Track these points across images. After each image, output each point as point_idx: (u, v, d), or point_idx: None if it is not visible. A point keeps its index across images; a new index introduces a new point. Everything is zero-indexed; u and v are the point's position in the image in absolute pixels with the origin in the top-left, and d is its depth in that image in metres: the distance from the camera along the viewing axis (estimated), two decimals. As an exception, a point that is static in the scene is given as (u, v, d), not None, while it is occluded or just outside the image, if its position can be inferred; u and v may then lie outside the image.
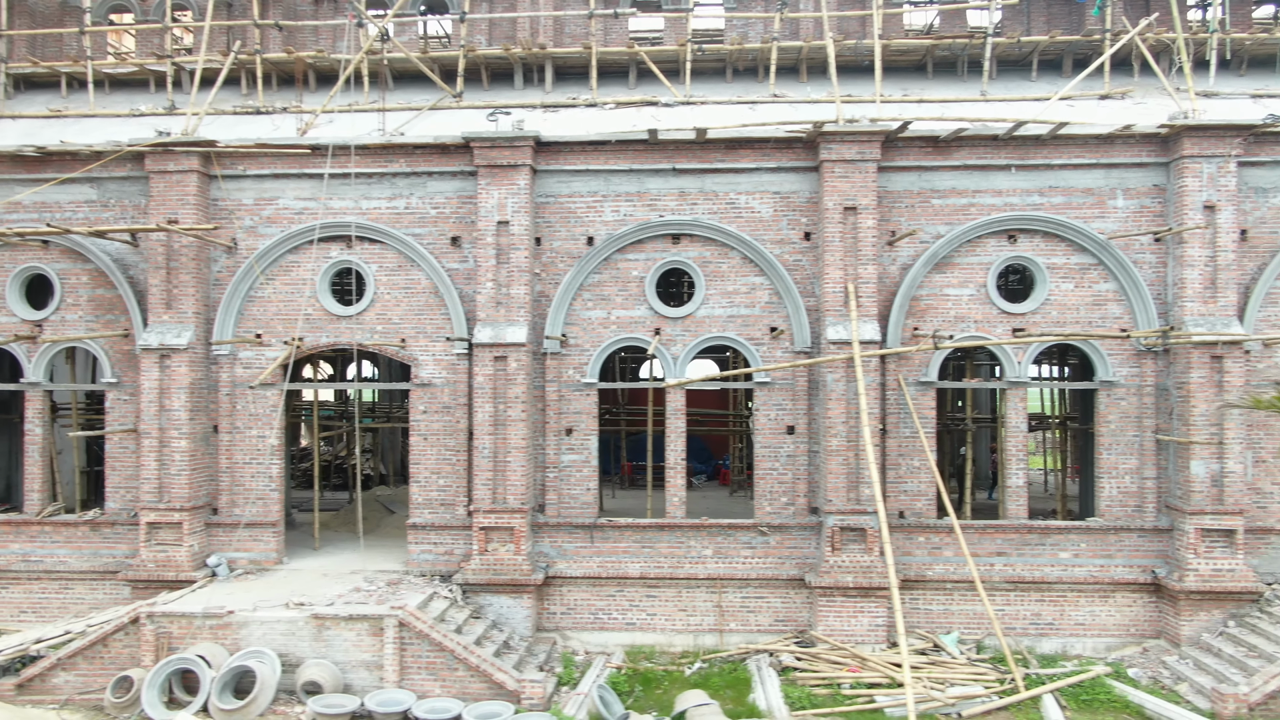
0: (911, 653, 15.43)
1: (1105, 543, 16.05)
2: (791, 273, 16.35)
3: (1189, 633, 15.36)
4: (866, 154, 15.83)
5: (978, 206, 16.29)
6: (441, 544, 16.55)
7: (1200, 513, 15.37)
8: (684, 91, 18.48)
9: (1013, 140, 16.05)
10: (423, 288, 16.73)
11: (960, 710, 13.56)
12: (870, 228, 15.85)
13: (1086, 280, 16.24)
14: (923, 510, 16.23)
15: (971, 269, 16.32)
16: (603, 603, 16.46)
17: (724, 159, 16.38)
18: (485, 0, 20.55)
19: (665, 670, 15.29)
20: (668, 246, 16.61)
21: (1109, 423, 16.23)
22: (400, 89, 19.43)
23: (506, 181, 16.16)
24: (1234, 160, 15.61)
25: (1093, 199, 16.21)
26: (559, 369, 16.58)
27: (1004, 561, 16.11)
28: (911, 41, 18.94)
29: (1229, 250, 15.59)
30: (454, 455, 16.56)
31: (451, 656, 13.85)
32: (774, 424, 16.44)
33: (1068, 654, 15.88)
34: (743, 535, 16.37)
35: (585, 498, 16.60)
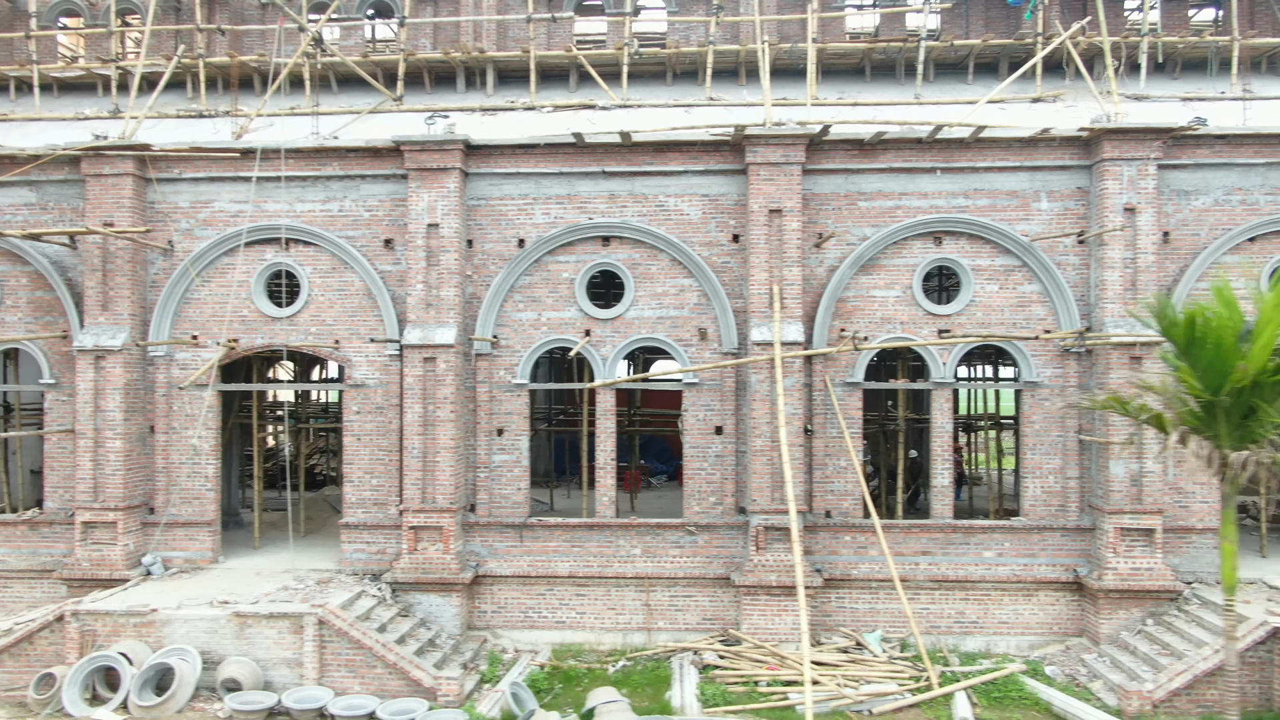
0: (834, 651, 15.60)
1: (1029, 542, 16.20)
2: (719, 274, 16.51)
3: (1108, 631, 15.51)
4: (791, 157, 15.98)
5: (904, 209, 16.44)
6: (374, 543, 16.72)
7: (1119, 512, 15.52)
8: (621, 95, 18.64)
9: (937, 143, 16.20)
10: (356, 290, 16.90)
11: (871, 708, 13.71)
12: (795, 230, 16.00)
13: (1011, 282, 16.39)
14: (849, 510, 16.38)
15: (897, 271, 16.47)
16: (533, 601, 16.63)
17: (653, 162, 16.54)
18: (430, 4, 20.77)
19: (589, 668, 15.45)
20: (598, 249, 16.77)
21: (1033, 423, 16.38)
22: (345, 92, 19.64)
23: (436, 185, 16.32)
24: (1154, 163, 15.75)
25: (1017, 201, 16.36)
26: (490, 370, 16.75)
27: (929, 561, 16.27)
28: (847, 45, 19.10)
29: (1149, 252, 15.73)
30: (387, 455, 16.73)
31: (370, 654, 14.02)
32: (702, 424, 16.60)
33: (991, 652, 16.03)
34: (671, 535, 16.53)
35: (516, 497, 16.76)
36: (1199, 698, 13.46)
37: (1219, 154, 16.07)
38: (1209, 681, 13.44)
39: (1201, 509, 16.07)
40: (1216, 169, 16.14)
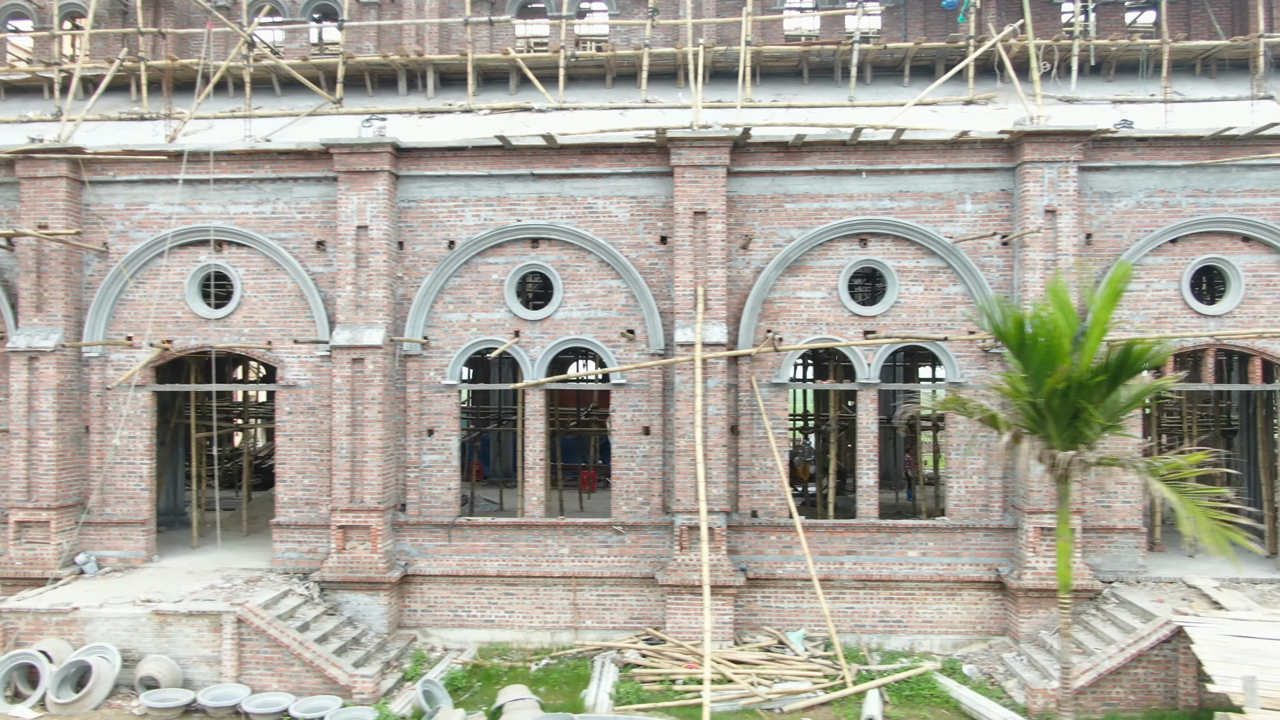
0: (756, 650, 15.71)
1: (952, 541, 16.31)
2: (647, 276, 16.63)
3: (1028, 630, 15.62)
4: (715, 159, 16.11)
5: (830, 211, 16.56)
6: (306, 542, 16.86)
7: (1039, 511, 15.62)
8: (558, 97, 18.76)
9: (862, 145, 16.32)
10: (289, 291, 17.04)
11: (781, 706, 13.83)
12: (719, 232, 16.13)
13: (936, 283, 16.51)
14: (775, 510, 16.50)
15: (824, 272, 16.60)
16: (462, 600, 16.76)
17: (580, 164, 16.67)
18: (373, 8, 20.90)
19: (511, 667, 15.57)
20: (527, 250, 16.91)
21: (958, 423, 16.51)
22: (288, 95, 19.76)
23: (366, 187, 16.46)
24: (1074, 165, 15.87)
25: (942, 203, 16.48)
26: (420, 371, 16.89)
27: (853, 560, 16.38)
28: (783, 48, 19.20)
29: (1069, 254, 15.84)
30: (319, 455, 16.87)
31: (288, 652, 14.17)
32: (630, 425, 16.72)
33: (915, 651, 16.13)
34: (599, 534, 16.66)
35: (446, 497, 16.89)
36: (1104, 695, 13.58)
37: (1141, 156, 16.18)
38: (1114, 679, 13.57)
39: (1124, 509, 16.18)
40: (1139, 171, 16.25)
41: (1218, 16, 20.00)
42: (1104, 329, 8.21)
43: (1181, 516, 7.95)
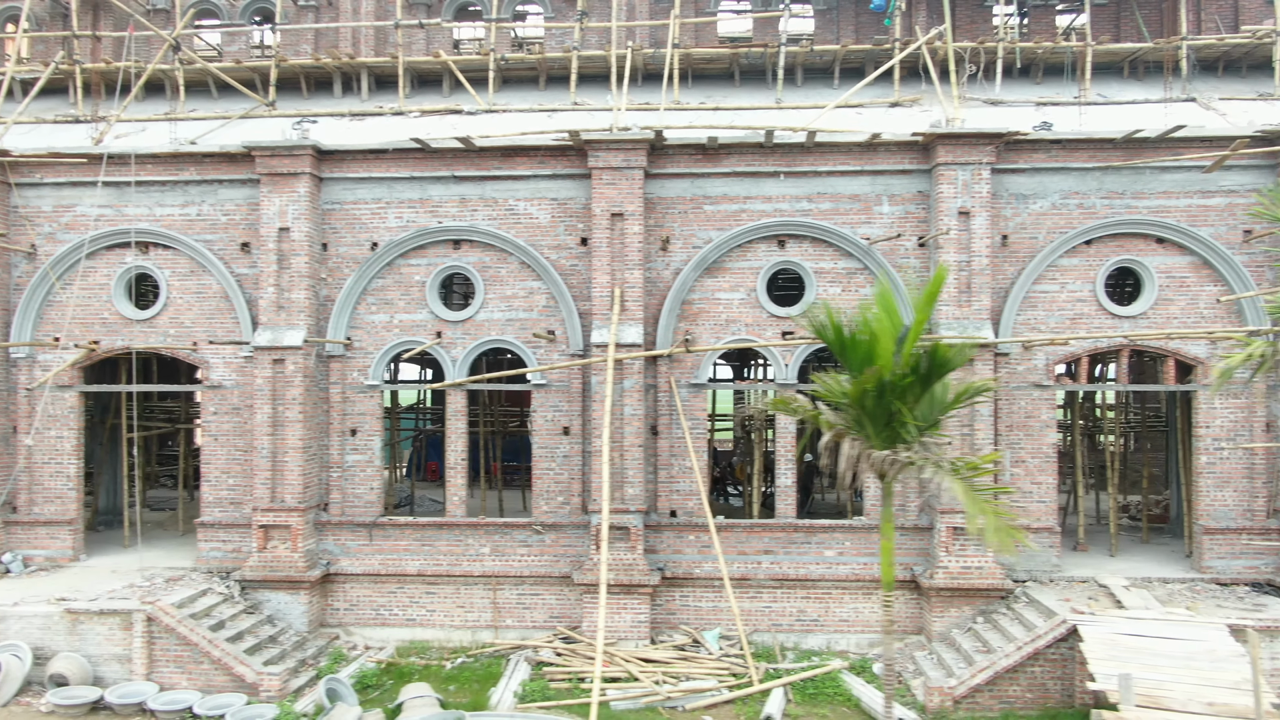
0: (671, 648, 15.83)
1: (869, 541, 16.40)
2: (567, 277, 16.75)
3: (939, 628, 15.72)
4: (632, 161, 16.22)
5: (748, 212, 16.67)
6: (230, 541, 16.99)
7: (951, 511, 15.72)
8: (488, 100, 18.90)
9: (779, 147, 16.44)
10: (214, 292, 17.18)
11: (684, 704, 13.95)
12: (637, 233, 16.25)
13: (853, 284, 16.62)
14: (694, 509, 16.61)
15: (742, 273, 16.71)
16: (384, 599, 16.89)
17: (501, 166, 16.80)
18: (311, 10, 21.04)
19: (426, 665, 15.70)
20: (449, 252, 17.04)
21: (874, 424, 16.58)
22: (225, 98, 19.87)
23: (287, 189, 16.59)
24: (987, 167, 15.97)
25: (859, 205, 16.58)
26: (343, 371, 17.02)
27: (771, 560, 16.49)
28: (713, 50, 19.30)
29: (983, 255, 15.94)
30: (243, 455, 17.00)
31: (197, 650, 14.31)
32: (551, 425, 16.84)
33: (832, 650, 16.24)
34: (519, 534, 16.78)
35: (369, 496, 17.03)
36: (1001, 694, 13.69)
37: (1055, 158, 16.28)
38: (1011, 678, 13.68)
39: (1039, 509, 16.28)
40: (1053, 173, 16.35)
41: (1147, 20, 20.11)
42: (921, 330, 8.31)
43: (971, 515, 8.05)
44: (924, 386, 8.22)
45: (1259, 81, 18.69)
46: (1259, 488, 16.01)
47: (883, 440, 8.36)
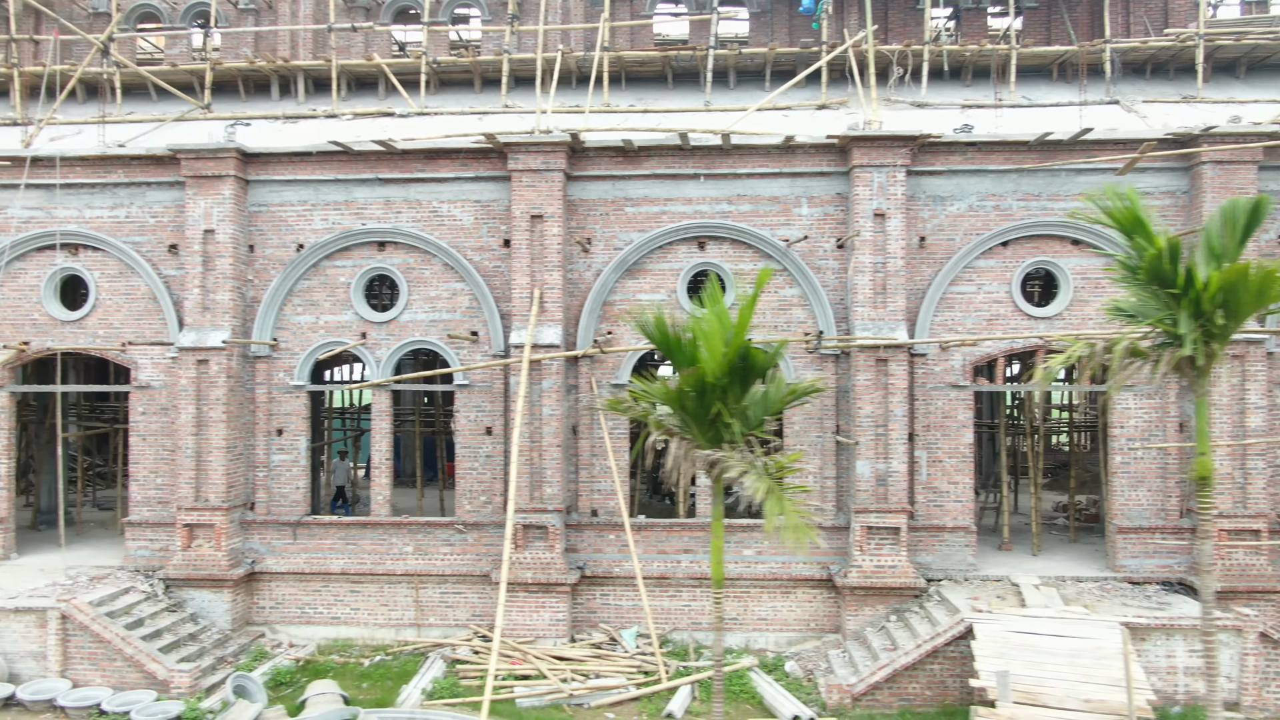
0: (588, 646, 15.97)
1: (787, 540, 16.51)
2: (490, 279, 16.90)
3: (853, 627, 15.86)
4: (552, 164, 16.37)
5: (669, 214, 16.81)
6: (158, 540, 17.15)
7: (865, 511, 15.87)
8: (420, 102, 19.05)
9: (699, 150, 16.58)
10: (142, 293, 17.35)
11: (589, 701, 14.09)
12: (556, 235, 16.39)
13: (773, 285, 16.75)
14: (614, 509, 16.74)
15: (663, 275, 16.85)
16: (309, 597, 17.05)
17: (425, 169, 16.95)
18: (251, 14, 21.19)
19: (345, 663, 15.85)
20: (374, 253, 17.19)
21: (793, 424, 16.74)
22: (164, 101, 20.06)
23: (212, 192, 16.76)
24: (903, 169, 16.09)
25: (779, 207, 16.72)
26: (269, 372, 17.17)
27: (690, 559, 16.62)
28: (645, 53, 19.46)
29: (898, 257, 16.07)
30: (171, 455, 17.15)
31: (111, 648, 14.47)
32: (474, 425, 16.99)
33: (750, 648, 16.38)
34: (442, 533, 16.93)
35: (295, 496, 17.18)
36: (901, 691, 13.83)
37: (971, 161, 16.40)
38: (910, 676, 13.81)
39: (956, 508, 16.40)
40: (970, 175, 16.47)
41: (1080, 22, 20.23)
42: (745, 331, 8.44)
43: (770, 514, 8.18)
44: (743, 388, 8.36)
45: (1185, 84, 18.82)
46: (1172, 487, 16.13)
47: (708, 440, 8.51)
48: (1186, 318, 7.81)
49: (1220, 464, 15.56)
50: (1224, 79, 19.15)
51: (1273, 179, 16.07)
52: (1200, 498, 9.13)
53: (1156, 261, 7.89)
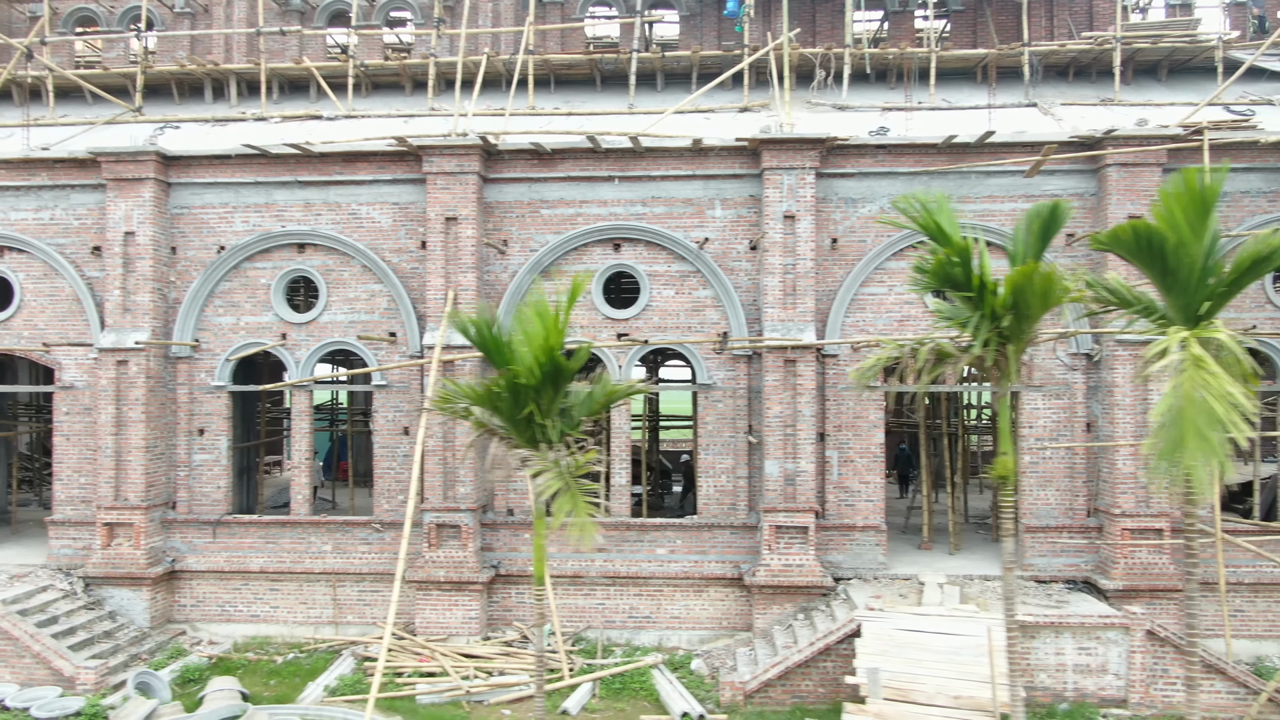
0: (500, 644, 16.13)
1: (700, 539, 16.69)
2: (407, 280, 17.07)
3: (762, 625, 16.01)
4: (466, 166, 16.53)
5: (584, 216, 16.97)
6: (80, 539, 17.33)
7: (774, 510, 16.02)
8: (347, 105, 19.22)
9: (613, 152, 16.74)
10: (66, 295, 17.54)
11: (489, 698, 14.25)
12: (471, 237, 16.56)
13: (686, 287, 16.91)
14: (529, 508, 16.90)
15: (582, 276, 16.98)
16: (229, 595, 17.23)
17: (343, 172, 17.13)
18: (188, 17, 21.39)
19: (258, 660, 16.02)
20: (294, 255, 17.37)
21: (706, 424, 16.90)
22: (98, 104, 20.23)
23: (133, 194, 16.94)
24: (812, 172, 16.24)
25: (693, 209, 16.88)
26: (190, 372, 17.36)
27: (605, 557, 16.78)
28: (572, 56, 19.61)
29: (808, 258, 16.22)
30: (94, 455, 17.32)
31: (19, 645, 14.65)
32: (391, 425, 17.16)
33: (663, 646, 16.52)
34: (360, 532, 17.10)
35: (216, 495, 17.36)
36: (794, 688, 13.97)
37: (882, 163, 16.55)
38: (803, 673, 13.95)
39: (867, 507, 16.54)
40: (881, 177, 16.62)
41: (1007, 25, 20.34)
42: (560, 333, 8.61)
43: (558, 511, 8.35)
44: (555, 389, 8.53)
45: (1107, 87, 18.93)
46: (1079, 487, 16.27)
47: (525, 440, 8.68)
48: (979, 319, 7.98)
49: (1123, 464, 15.71)
50: (1146, 82, 19.28)
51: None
52: (1001, 496, 9.32)
53: (945, 265, 8.04)
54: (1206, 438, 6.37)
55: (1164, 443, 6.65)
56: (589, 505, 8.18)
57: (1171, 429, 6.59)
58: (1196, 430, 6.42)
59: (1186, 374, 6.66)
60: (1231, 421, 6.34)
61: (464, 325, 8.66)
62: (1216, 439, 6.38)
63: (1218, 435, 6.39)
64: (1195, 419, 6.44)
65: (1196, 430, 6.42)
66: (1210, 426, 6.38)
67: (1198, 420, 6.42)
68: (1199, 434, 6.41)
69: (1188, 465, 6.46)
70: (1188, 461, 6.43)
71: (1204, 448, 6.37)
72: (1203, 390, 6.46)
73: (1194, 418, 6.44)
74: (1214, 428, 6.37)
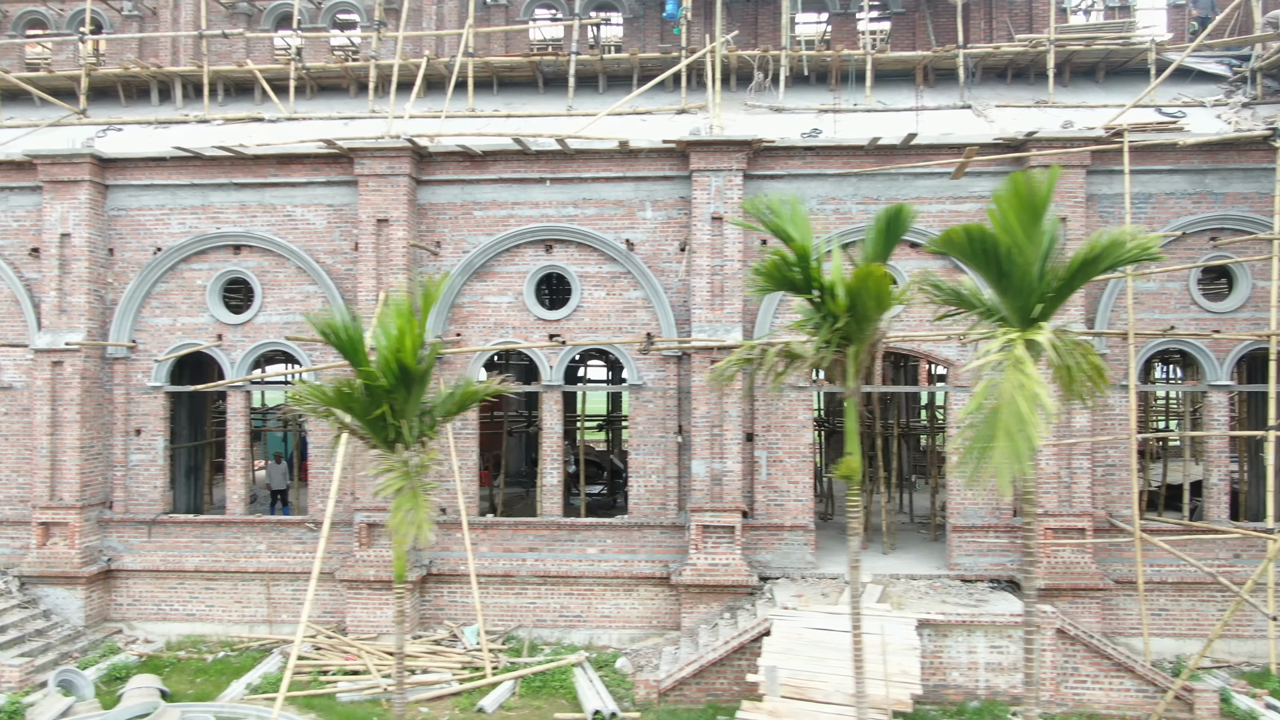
0: (429, 643, 16.24)
1: (630, 539, 16.80)
2: (342, 281, 17.19)
3: (689, 624, 16.11)
4: (397, 169, 16.65)
5: (516, 218, 17.09)
6: (18, 538, 17.46)
7: (700, 510, 16.12)
8: (290, 107, 19.35)
9: (544, 154, 16.85)
10: (4, 296, 17.67)
11: (408, 696, 14.35)
12: (401, 239, 16.67)
13: (617, 288, 17.02)
14: (464, 507, 17.01)
15: (511, 277, 17.12)
16: (165, 595, 17.36)
17: (278, 174, 17.25)
18: (136, 20, 21.53)
19: (188, 658, 16.14)
20: (230, 257, 17.49)
21: (638, 424, 17.01)
22: (45, 106, 20.35)
23: (68, 196, 17.08)
24: (739, 174, 16.35)
25: (624, 210, 16.99)
26: (127, 373, 17.48)
27: (535, 557, 16.89)
28: (512, 59, 19.72)
29: (735, 260, 16.32)
30: (31, 455, 17.46)
31: (-57, 643, 14.79)
32: (324, 425, 17.22)
33: (594, 645, 16.64)
34: (294, 531, 17.22)
35: (152, 495, 17.49)
36: (709, 686, 14.06)
37: (811, 165, 16.64)
38: (718, 671, 14.05)
39: (796, 507, 16.63)
40: (811, 179, 16.71)
41: (946, 28, 20.43)
42: (418, 336, 8.71)
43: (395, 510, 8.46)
44: (408, 390, 8.64)
45: (1045, 88, 19.00)
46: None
47: (382, 440, 8.79)
48: (820, 321, 8.08)
49: (1046, 463, 15.81)
50: (1084, 83, 19.36)
51: (1104, 182, 16.31)
52: (849, 494, 9.47)
53: (780, 268, 8.14)
54: (1015, 438, 6.47)
55: (974, 441, 6.75)
56: (428, 505, 8.28)
57: (984, 427, 6.69)
58: (1007, 430, 6.52)
59: (1007, 375, 6.75)
60: (1034, 424, 6.43)
61: (322, 327, 8.78)
62: (1024, 441, 6.47)
63: (1025, 437, 6.49)
64: (1008, 419, 6.54)
65: (1007, 430, 6.52)
66: (1019, 427, 6.47)
67: (1009, 421, 6.52)
68: (1009, 434, 6.51)
69: (996, 464, 6.55)
70: (996, 460, 6.53)
71: (1012, 448, 6.47)
72: (1017, 392, 6.55)
73: (1007, 418, 6.54)
74: (1022, 428, 6.47)
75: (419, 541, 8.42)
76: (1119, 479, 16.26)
